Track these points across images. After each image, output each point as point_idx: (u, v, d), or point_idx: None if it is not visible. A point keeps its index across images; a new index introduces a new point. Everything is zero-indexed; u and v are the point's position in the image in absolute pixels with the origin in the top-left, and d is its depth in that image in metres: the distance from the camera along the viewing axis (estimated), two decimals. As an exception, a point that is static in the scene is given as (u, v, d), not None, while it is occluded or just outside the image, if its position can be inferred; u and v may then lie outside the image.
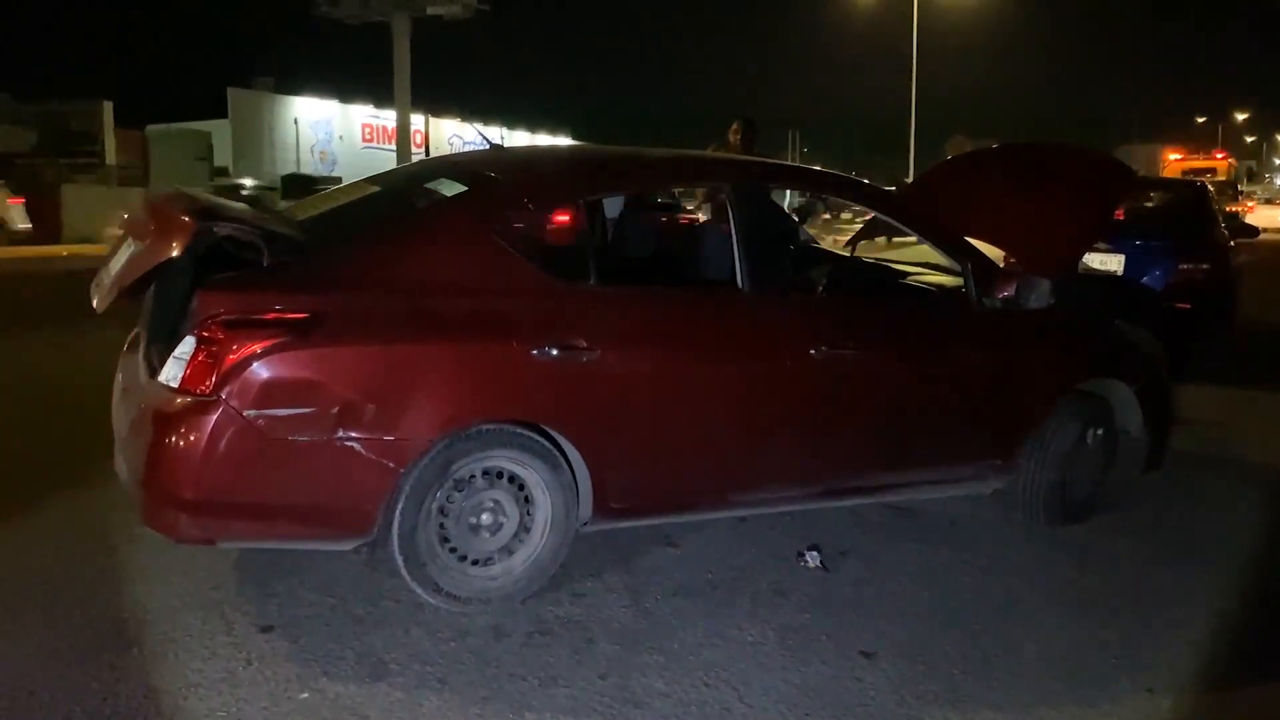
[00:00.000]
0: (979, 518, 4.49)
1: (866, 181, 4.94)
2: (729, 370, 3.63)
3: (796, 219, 6.42)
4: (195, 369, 2.87)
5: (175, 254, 2.96)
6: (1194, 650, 3.32)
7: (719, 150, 8.32)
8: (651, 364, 3.48)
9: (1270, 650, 3.37)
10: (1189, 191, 9.44)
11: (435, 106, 42.05)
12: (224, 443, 2.86)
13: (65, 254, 18.73)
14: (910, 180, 24.39)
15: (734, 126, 8.32)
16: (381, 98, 38.49)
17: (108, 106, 27.09)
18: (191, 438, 2.85)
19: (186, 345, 2.92)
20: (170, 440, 2.88)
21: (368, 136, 44.16)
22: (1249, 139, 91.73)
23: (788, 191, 7.28)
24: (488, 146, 4.19)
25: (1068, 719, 2.86)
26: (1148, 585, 3.83)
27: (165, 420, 2.91)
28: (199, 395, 2.86)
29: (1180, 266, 7.86)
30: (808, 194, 6.43)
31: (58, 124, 26.60)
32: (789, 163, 7.47)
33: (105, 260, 3.45)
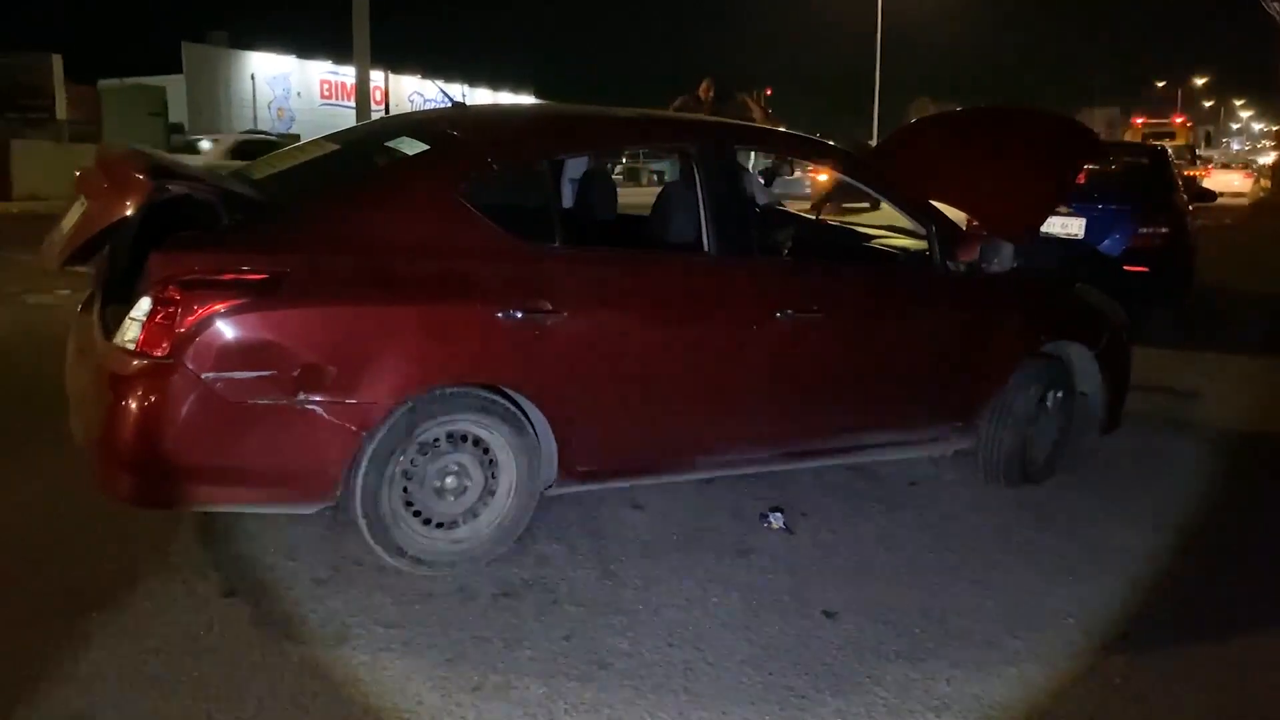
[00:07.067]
0: (940, 479, 4.54)
1: (832, 144, 4.92)
2: (694, 333, 3.62)
3: (762, 181, 6.41)
4: (152, 331, 2.81)
5: (129, 213, 2.88)
6: (1149, 608, 3.39)
7: (683, 107, 8.31)
8: (616, 327, 3.47)
9: (1224, 608, 3.44)
10: (1150, 156, 9.50)
11: (395, 63, 41.33)
12: (181, 406, 2.82)
13: (15, 211, 18.27)
14: (873, 143, 24.45)
15: (704, 84, 8.32)
16: (340, 53, 37.72)
17: (57, 60, 26.29)
18: (148, 401, 2.81)
19: (143, 306, 2.85)
20: (126, 403, 2.82)
21: (326, 93, 43.41)
22: (1207, 104, 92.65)
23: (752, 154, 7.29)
24: (449, 104, 4.12)
25: (1026, 676, 2.91)
26: (1106, 545, 3.89)
27: (121, 383, 2.85)
28: (156, 357, 2.80)
29: (1139, 231, 7.94)
30: (773, 156, 6.43)
31: (6, 78, 25.76)
32: (755, 124, 7.49)
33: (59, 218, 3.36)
